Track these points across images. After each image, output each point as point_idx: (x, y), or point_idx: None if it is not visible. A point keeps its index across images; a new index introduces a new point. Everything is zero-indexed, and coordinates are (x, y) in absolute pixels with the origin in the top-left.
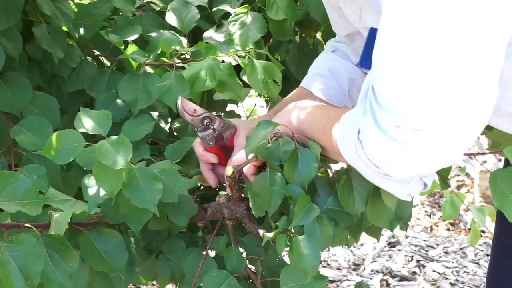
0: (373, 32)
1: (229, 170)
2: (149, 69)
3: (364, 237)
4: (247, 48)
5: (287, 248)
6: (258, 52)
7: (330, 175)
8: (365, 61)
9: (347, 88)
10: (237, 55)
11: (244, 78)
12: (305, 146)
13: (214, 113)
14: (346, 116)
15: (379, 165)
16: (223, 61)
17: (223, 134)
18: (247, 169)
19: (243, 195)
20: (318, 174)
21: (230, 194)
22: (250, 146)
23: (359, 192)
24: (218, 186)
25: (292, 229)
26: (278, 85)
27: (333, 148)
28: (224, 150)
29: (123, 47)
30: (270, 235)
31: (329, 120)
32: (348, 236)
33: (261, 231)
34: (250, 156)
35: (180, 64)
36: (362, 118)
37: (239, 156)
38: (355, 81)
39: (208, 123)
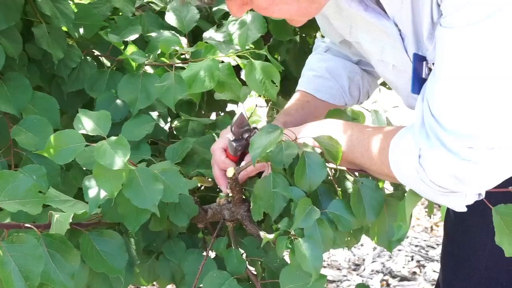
0: (416, 58)
1: (230, 172)
2: (149, 69)
3: (364, 237)
4: (246, 48)
5: (287, 250)
6: (258, 52)
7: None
8: (417, 88)
9: (348, 86)
10: (237, 55)
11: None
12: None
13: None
14: (398, 142)
15: (447, 186)
16: (222, 61)
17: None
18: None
19: (243, 197)
20: None
21: (231, 195)
22: (255, 151)
23: (369, 203)
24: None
25: (293, 231)
26: (276, 86)
27: (380, 170)
28: (241, 159)
29: (122, 47)
30: (270, 236)
31: (371, 145)
32: (349, 238)
33: (261, 233)
34: (248, 159)
35: (180, 64)
36: (425, 145)
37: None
38: (354, 78)
39: (248, 137)
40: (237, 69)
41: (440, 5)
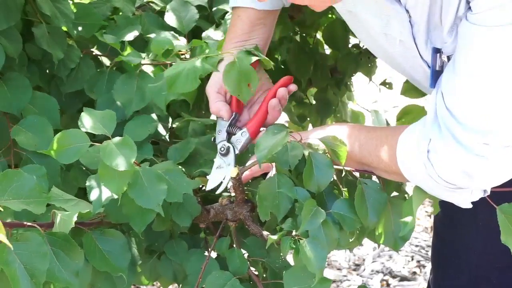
0: (436, 52)
1: (233, 172)
2: (148, 69)
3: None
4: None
5: (291, 250)
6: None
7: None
8: (434, 82)
9: None
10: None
11: None
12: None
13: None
14: (406, 138)
15: (455, 181)
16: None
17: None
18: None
19: (246, 197)
20: None
21: (233, 195)
22: (261, 152)
23: (372, 203)
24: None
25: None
26: (252, 91)
27: (388, 168)
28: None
29: (119, 47)
30: (274, 237)
31: (380, 142)
32: (351, 240)
33: (264, 233)
34: (253, 160)
35: None
36: (437, 137)
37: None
38: None
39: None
40: None
41: (470, 1)
